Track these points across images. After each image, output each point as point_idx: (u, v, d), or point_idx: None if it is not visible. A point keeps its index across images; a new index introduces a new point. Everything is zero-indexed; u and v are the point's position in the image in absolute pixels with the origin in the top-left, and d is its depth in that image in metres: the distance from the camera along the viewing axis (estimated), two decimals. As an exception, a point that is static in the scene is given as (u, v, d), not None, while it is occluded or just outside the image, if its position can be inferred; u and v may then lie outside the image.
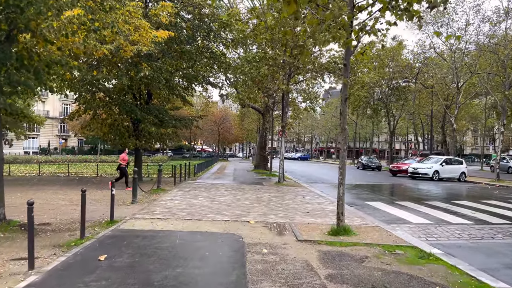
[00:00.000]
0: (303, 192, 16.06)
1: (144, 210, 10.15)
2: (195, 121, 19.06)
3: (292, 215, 10.01)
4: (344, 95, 8.14)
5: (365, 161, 40.74)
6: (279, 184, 19.05)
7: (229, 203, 11.83)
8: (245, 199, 13.03)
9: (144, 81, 15.55)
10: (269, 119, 30.89)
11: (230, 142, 71.30)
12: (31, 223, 5.32)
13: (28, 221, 5.32)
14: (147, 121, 16.45)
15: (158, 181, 15.29)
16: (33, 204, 5.39)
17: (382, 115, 50.42)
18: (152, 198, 12.83)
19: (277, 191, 15.82)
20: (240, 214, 9.88)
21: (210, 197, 13.26)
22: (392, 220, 10.15)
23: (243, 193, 14.77)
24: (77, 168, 28.03)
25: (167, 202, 11.67)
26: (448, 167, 26.01)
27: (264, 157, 31.08)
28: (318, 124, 79.86)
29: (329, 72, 18.53)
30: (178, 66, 16.99)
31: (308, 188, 18.06)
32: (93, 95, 15.93)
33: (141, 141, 17.34)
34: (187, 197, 12.96)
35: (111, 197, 8.71)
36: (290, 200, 13.22)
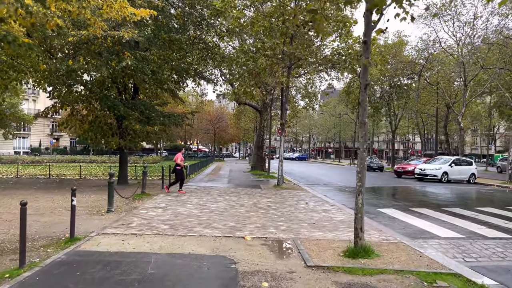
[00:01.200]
0: (305, 196, 14.40)
1: (118, 222, 8.44)
2: (186, 118, 17.33)
3: (297, 228, 8.33)
4: (365, 81, 6.47)
5: (366, 161, 39.07)
6: (278, 187, 17.39)
7: (221, 212, 10.15)
8: (240, 206, 11.35)
9: (127, 72, 13.84)
10: (267, 117, 29.23)
11: (227, 141, 69.56)
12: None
13: None
14: (132, 117, 14.74)
15: (142, 185, 13.58)
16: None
17: (383, 114, 48.88)
18: (133, 205, 11.12)
19: (277, 196, 14.15)
20: (233, 227, 8.20)
21: (201, 203, 11.57)
22: (415, 234, 8.49)
23: (239, 198, 13.08)
24: (62, 170, 26.25)
25: (148, 211, 9.96)
26: (457, 168, 24.43)
27: (262, 157, 29.41)
28: (316, 123, 78.25)
29: (333, 64, 16.87)
30: (167, 57, 15.26)
31: (310, 191, 16.41)
32: (69, 88, 14.19)
33: (125, 140, 15.62)
34: (173, 204, 11.25)
35: (72, 208, 7.00)
36: (292, 207, 11.55)
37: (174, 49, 15.98)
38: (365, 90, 6.48)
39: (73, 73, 13.15)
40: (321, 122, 78.92)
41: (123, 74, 14.04)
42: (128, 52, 13.23)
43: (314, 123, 77.54)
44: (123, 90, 16.38)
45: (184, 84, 19.10)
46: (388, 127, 70.65)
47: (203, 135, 64.03)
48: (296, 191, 16.30)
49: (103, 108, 15.23)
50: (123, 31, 12.79)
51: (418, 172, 24.66)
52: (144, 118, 15.66)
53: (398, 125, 66.73)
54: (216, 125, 58.62)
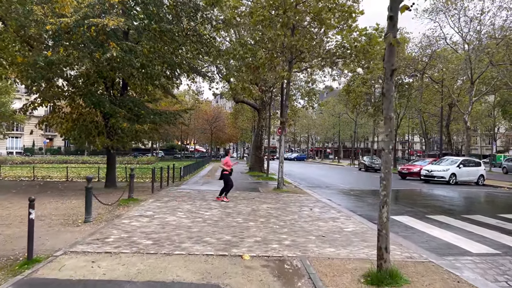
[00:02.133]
0: (308, 201, 13.17)
1: (94, 236, 7.18)
2: (179, 116, 16.04)
3: (303, 242, 7.10)
4: (390, 65, 5.24)
5: (367, 162, 37.98)
6: (278, 190, 16.15)
7: (216, 221, 8.90)
8: (237, 213, 10.10)
9: (114, 65, 12.57)
10: (266, 116, 27.98)
11: (224, 141, 68.24)
12: None
13: None
14: (119, 115, 13.46)
15: (129, 189, 12.30)
16: None
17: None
18: (117, 213, 9.86)
19: (277, 201, 12.91)
20: (229, 242, 6.95)
21: (193, 211, 10.31)
22: (441, 248, 7.28)
23: (236, 204, 11.84)
24: (50, 171, 24.92)
25: (132, 221, 8.70)
26: (465, 169, 23.26)
27: (260, 158, 28.15)
28: (315, 123, 77.01)
29: (337, 57, 15.65)
30: (158, 50, 13.99)
31: (313, 195, 15.18)
32: (49, 82, 12.89)
33: (112, 140, 14.34)
34: (162, 212, 9.99)
35: (29, 223, 5.73)
36: (295, 214, 10.32)
37: (165, 41, 14.71)
38: (391, 77, 5.25)
39: (53, 65, 11.86)
40: (319, 122, 77.73)
41: (109, 67, 12.77)
42: (114, 42, 11.95)
43: (313, 122, 76.35)
44: (110, 86, 15.11)
45: (178, 80, 17.84)
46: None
47: (200, 135, 62.69)
48: (297, 194, 15.07)
49: (87, 105, 13.94)
50: (107, 18, 11.54)
51: (424, 174, 23.47)
52: (133, 116, 14.39)
53: (400, 124, 65.68)
54: (213, 125, 57.30)
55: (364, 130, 71.47)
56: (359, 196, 15.89)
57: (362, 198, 14.95)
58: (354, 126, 59.82)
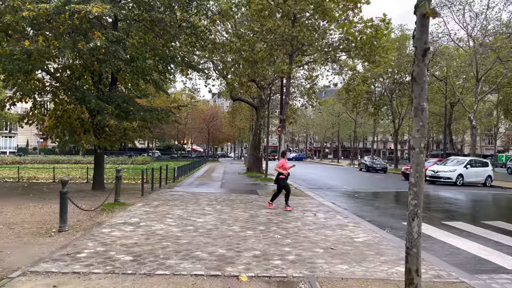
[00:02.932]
0: (311, 205, 12.14)
1: (64, 249, 6.13)
2: (172, 113, 14.97)
3: (310, 257, 6.06)
4: (423, 43, 4.19)
5: (368, 162, 36.99)
6: (278, 192, 15.10)
7: (209, 230, 7.85)
8: (234, 220, 9.06)
9: (99, 57, 11.49)
10: (264, 115, 26.97)
11: (221, 141, 67.21)
12: None
13: None
14: (105, 111, 12.40)
15: (115, 192, 11.24)
16: None
17: (384, 113, 46.80)
18: (99, 219, 8.80)
19: (278, 205, 11.87)
20: (223, 257, 5.91)
21: (185, 217, 9.26)
22: (470, 263, 6.27)
23: (232, 209, 10.79)
24: (39, 172, 23.83)
25: (114, 229, 7.64)
26: (473, 170, 22.29)
27: (258, 158, 27.12)
28: (314, 123, 76.02)
29: (341, 51, 14.63)
30: (148, 41, 12.94)
31: (315, 198, 14.17)
32: (27, 75, 11.81)
33: (99, 139, 13.27)
34: (149, 218, 8.94)
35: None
36: (298, 220, 9.28)
37: (157, 33, 13.65)
38: (424, 57, 4.20)
39: (31, 56, 10.79)
40: (318, 121, 76.74)
41: (93, 59, 11.70)
42: (98, 31, 10.89)
43: (312, 122, 75.37)
44: (98, 80, 14.03)
45: (171, 75, 16.79)
46: (387, 126, 68.71)
47: (197, 135, 61.60)
48: (299, 197, 14.04)
49: (71, 101, 12.88)
50: (91, 5, 10.49)
51: (430, 175, 22.48)
52: (121, 113, 13.34)
53: (401, 124, 64.63)
54: (210, 124, 56.22)
55: (363, 130, 70.51)
56: (364, 199, 14.88)
57: (368, 201, 13.94)
58: (353, 126, 58.86)
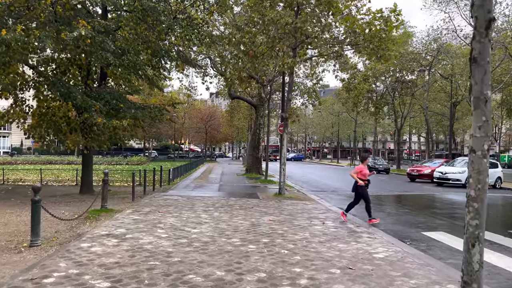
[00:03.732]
0: (317, 211, 11.13)
1: (30, 272, 5.07)
2: (166, 111, 13.90)
3: (326, 281, 5.02)
4: (486, 12, 3.18)
5: (370, 163, 35.90)
6: (280, 196, 14.10)
7: (205, 244, 6.81)
8: (233, 230, 8.02)
9: (85, 48, 10.43)
10: (264, 113, 25.94)
11: (219, 141, 66.13)
12: None
13: None
14: (93, 108, 11.34)
15: (102, 198, 10.19)
16: None
17: (385, 113, 45.83)
18: (79, 230, 7.76)
19: (281, 211, 10.85)
20: (221, 281, 4.87)
21: (178, 226, 8.22)
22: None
23: (231, 216, 9.75)
24: (27, 173, 22.75)
25: (94, 244, 6.59)
26: (482, 171, 21.25)
27: (257, 158, 26.09)
28: (313, 122, 75.00)
29: (347, 45, 13.62)
30: (140, 31, 11.89)
31: (320, 202, 13.16)
32: (6, 68, 10.72)
33: (86, 138, 12.21)
34: (138, 229, 7.89)
35: None
36: (306, 230, 8.25)
37: (150, 24, 12.60)
38: (487, 31, 3.19)
39: (9, 47, 9.72)
40: (317, 121, 75.74)
41: (79, 51, 10.64)
42: (83, 20, 9.83)
43: (311, 121, 74.36)
44: (86, 75, 12.98)
45: (166, 71, 15.74)
46: (388, 126, 67.70)
47: (194, 134, 60.50)
48: (303, 202, 13.02)
49: (56, 97, 11.81)
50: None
51: (438, 176, 21.50)
52: (110, 110, 12.29)
53: (404, 124, 63.58)
54: (208, 124, 55.14)
55: (362, 130, 69.52)
56: (372, 203, 13.82)
57: (377, 206, 12.91)
58: (353, 126, 57.90)
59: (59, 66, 12.24)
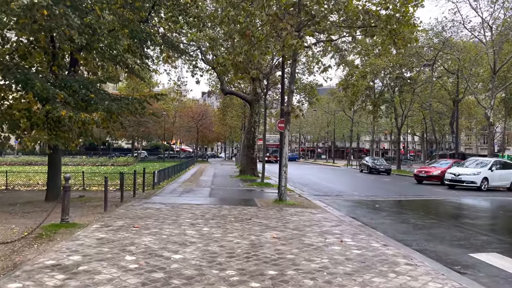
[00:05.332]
0: (328, 222, 9.21)
1: None
2: (146, 103, 11.84)
3: None
4: None
5: (370, 163, 34.22)
6: (280, 203, 12.15)
7: (189, 281, 4.81)
8: (228, 255, 6.04)
9: (43, 23, 8.39)
10: (259, 111, 24.00)
11: (211, 141, 64.01)
12: None
13: None
14: (56, 98, 9.30)
15: (62, 209, 8.13)
16: None
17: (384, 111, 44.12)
18: (18, 258, 5.72)
19: (285, 223, 8.89)
20: None
21: (154, 250, 6.21)
22: None
23: (224, 232, 7.75)
24: None
25: (27, 285, 4.56)
26: (498, 173, 19.60)
27: (252, 159, 24.12)
28: (307, 121, 73.20)
29: (359, 27, 11.70)
30: (113, 6, 9.86)
31: (329, 210, 11.24)
32: None
33: (50, 135, 10.12)
34: (99, 255, 5.87)
35: None
36: (323, 253, 6.31)
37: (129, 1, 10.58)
38: None
39: None
40: (312, 120, 74.01)
41: (36, 26, 8.57)
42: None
43: (305, 120, 72.55)
44: (51, 60, 10.91)
45: (149, 59, 13.71)
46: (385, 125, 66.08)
47: (185, 134, 58.30)
48: (308, 210, 11.09)
49: (13, 86, 9.75)
50: None
51: (450, 178, 19.71)
52: (80, 102, 10.23)
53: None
54: (199, 123, 53.01)
55: (358, 129, 67.89)
56: (389, 211, 11.96)
57: (397, 215, 11.02)
58: (350, 124, 56.24)
59: (17, 49, 10.17)
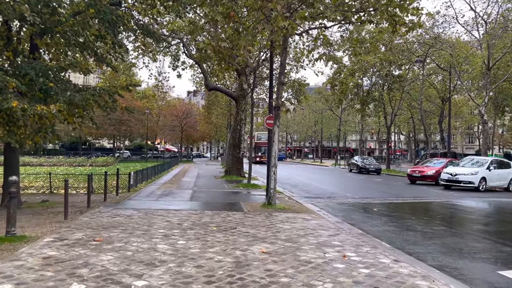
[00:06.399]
0: (325, 230, 8.00)
1: None
2: (118, 94, 10.44)
3: None
4: None
5: (360, 162, 33.26)
6: (269, 207, 10.90)
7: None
8: (206, 279, 4.75)
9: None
10: (245, 108, 22.75)
11: (196, 140, 62.35)
12: None
13: None
14: (6, 85, 7.86)
15: (7, 219, 6.72)
16: None
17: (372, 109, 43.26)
18: None
19: (276, 233, 7.63)
20: None
21: (112, 274, 4.88)
22: None
23: (204, 245, 6.45)
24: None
25: None
26: (496, 172, 18.73)
27: (238, 159, 22.84)
28: (294, 120, 72.22)
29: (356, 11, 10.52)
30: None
31: (324, 216, 10.04)
32: None
33: (3, 131, 8.65)
34: (41, 281, 4.51)
35: None
36: (324, 274, 5.08)
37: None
38: None
39: None
40: (299, 120, 73.08)
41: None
42: None
43: (292, 119, 71.56)
44: (5, 44, 9.46)
45: (122, 47, 12.30)
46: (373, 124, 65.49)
47: (169, 133, 56.58)
48: (301, 215, 9.87)
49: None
50: None
51: (446, 178, 18.76)
52: (37, 92, 8.80)
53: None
54: (184, 121, 51.40)
55: (346, 128, 67.20)
56: (389, 216, 10.82)
57: (400, 221, 9.86)
58: (337, 123, 55.40)
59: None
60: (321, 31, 11.30)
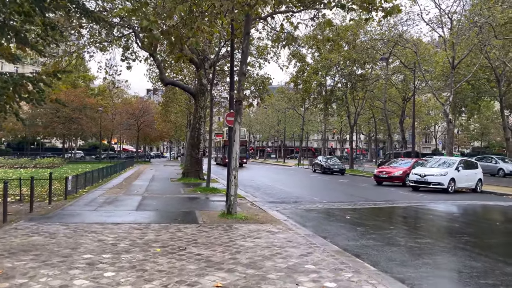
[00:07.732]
0: (295, 249, 6.62)
1: None
2: (44, 83, 8.58)
3: None
4: None
5: (324, 163, 32.41)
6: (229, 217, 9.39)
7: None
8: None
9: None
10: (205, 104, 21.11)
11: (154, 139, 59.62)
12: None
13: None
14: None
15: None
16: None
17: (337, 108, 42.81)
18: None
19: (235, 254, 6.14)
20: None
21: None
22: None
23: (139, 276, 4.84)
24: None
25: None
26: (464, 173, 18.17)
27: (197, 160, 21.13)
28: (257, 119, 71.05)
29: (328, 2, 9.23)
30: None
31: (292, 227, 8.65)
32: None
33: None
34: None
35: None
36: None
37: None
38: None
39: None
40: (261, 119, 72.00)
41: None
42: None
43: (255, 119, 70.38)
44: None
45: (55, 29, 10.34)
46: (336, 124, 65.48)
47: (124, 132, 53.64)
48: (265, 226, 8.45)
49: None
50: None
51: (415, 179, 18.00)
52: None
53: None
54: (140, 119, 48.74)
55: (308, 128, 66.84)
56: (365, 225, 9.61)
57: (378, 232, 8.63)
58: (300, 122, 54.71)
59: None
60: (288, 18, 9.93)
